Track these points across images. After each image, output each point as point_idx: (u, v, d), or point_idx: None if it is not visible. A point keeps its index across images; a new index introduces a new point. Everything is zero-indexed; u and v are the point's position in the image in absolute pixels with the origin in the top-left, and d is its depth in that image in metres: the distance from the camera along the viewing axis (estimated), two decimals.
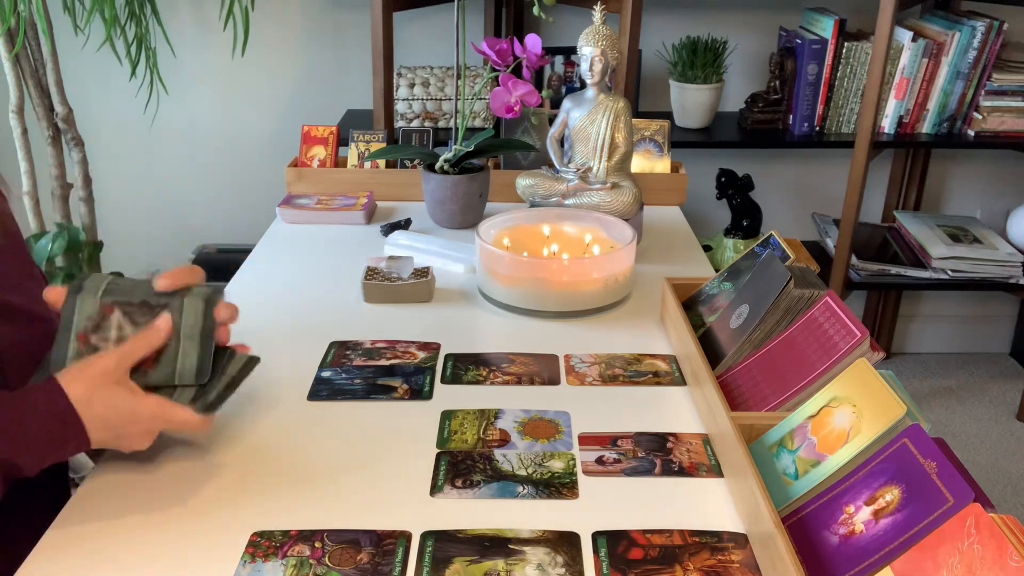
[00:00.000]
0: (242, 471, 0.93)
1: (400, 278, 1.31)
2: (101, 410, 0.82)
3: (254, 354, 0.94)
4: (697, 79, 2.36)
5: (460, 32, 1.50)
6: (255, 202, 2.66)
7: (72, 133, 2.23)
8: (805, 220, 2.72)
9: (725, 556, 0.81)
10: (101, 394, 0.82)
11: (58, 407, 0.81)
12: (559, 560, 0.80)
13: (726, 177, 2.46)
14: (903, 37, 2.27)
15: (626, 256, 1.28)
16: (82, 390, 0.82)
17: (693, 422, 1.03)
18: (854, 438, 0.80)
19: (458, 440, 0.98)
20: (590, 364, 1.15)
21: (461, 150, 1.53)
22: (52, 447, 0.82)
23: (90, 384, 0.82)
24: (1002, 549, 0.62)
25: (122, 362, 0.85)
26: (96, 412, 0.82)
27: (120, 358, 0.85)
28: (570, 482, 0.91)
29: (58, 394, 0.81)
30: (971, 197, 2.74)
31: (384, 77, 2.15)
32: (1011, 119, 2.31)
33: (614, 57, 1.44)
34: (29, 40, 2.10)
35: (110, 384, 0.83)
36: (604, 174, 1.46)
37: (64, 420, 0.81)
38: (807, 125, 2.40)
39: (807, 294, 1.01)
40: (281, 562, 0.80)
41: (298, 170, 1.71)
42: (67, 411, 0.81)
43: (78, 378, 0.82)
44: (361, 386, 1.09)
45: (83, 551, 0.81)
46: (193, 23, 2.50)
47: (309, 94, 2.59)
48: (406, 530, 0.84)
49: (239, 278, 1.40)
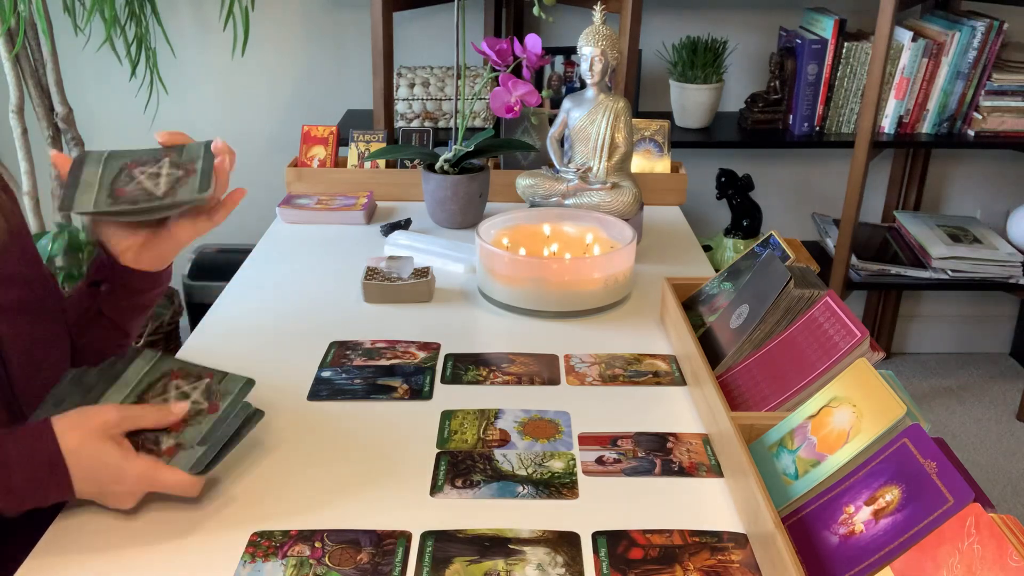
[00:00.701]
0: (242, 471, 0.93)
1: (400, 278, 1.31)
2: (89, 463, 0.81)
3: (245, 374, 0.93)
4: (697, 79, 2.36)
5: (460, 32, 1.50)
6: (255, 202, 2.64)
7: (72, 133, 2.23)
8: (805, 220, 2.72)
9: (725, 556, 0.81)
10: (91, 447, 0.81)
11: (47, 454, 0.80)
12: (559, 560, 0.80)
13: (726, 177, 2.45)
14: (903, 37, 2.27)
15: (626, 256, 1.29)
16: (75, 441, 0.81)
17: (693, 422, 1.03)
18: (854, 438, 0.80)
19: (458, 440, 0.98)
20: (590, 364, 1.15)
21: (461, 150, 1.53)
22: (34, 492, 0.81)
23: (84, 435, 0.81)
24: (1002, 549, 0.62)
25: (123, 423, 0.84)
26: (84, 464, 0.81)
27: (123, 418, 0.84)
28: (570, 482, 0.91)
29: (50, 440, 0.80)
30: (971, 197, 2.74)
31: (384, 77, 2.15)
32: (1011, 119, 2.31)
33: (614, 57, 1.44)
34: (29, 40, 2.10)
35: (103, 438, 0.82)
36: (604, 174, 1.46)
37: (51, 468, 0.80)
38: (807, 125, 2.40)
39: (807, 294, 1.01)
40: (281, 562, 0.80)
41: (298, 170, 1.71)
42: (55, 460, 0.80)
43: (73, 426, 0.81)
44: (361, 386, 1.09)
45: (83, 551, 0.81)
46: (193, 23, 2.50)
47: (309, 94, 2.59)
48: (406, 530, 0.84)
49: (239, 278, 1.40)
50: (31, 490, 0.80)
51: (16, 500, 0.80)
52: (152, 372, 0.92)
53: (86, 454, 0.81)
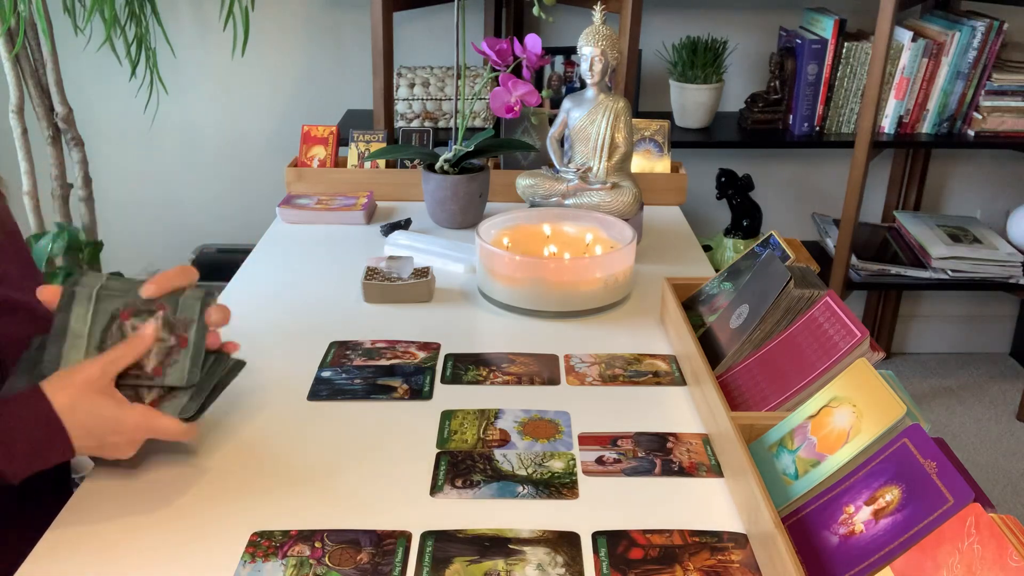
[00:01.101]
0: (242, 471, 0.93)
1: (400, 278, 1.31)
2: (85, 418, 0.82)
3: (242, 358, 0.94)
4: (697, 79, 2.36)
5: (460, 32, 1.50)
6: (255, 202, 2.66)
7: (72, 133, 2.23)
8: (805, 220, 2.72)
9: (725, 556, 0.81)
10: (85, 403, 0.82)
11: (42, 415, 0.81)
12: (559, 560, 0.80)
13: (726, 177, 2.45)
14: (903, 37, 2.27)
15: (626, 256, 1.29)
16: (66, 399, 0.82)
17: (693, 422, 1.03)
18: (854, 438, 0.80)
19: (458, 440, 0.98)
20: (590, 364, 1.15)
21: (461, 150, 1.53)
22: (36, 455, 0.82)
23: (74, 393, 0.82)
24: (1002, 549, 0.62)
25: (107, 370, 0.84)
26: (80, 420, 0.82)
27: (104, 366, 0.84)
28: (570, 482, 0.91)
29: (43, 402, 0.81)
30: (971, 197, 2.74)
31: (384, 77, 2.15)
32: (1011, 119, 2.31)
33: (614, 57, 1.44)
34: (29, 40, 2.10)
35: (94, 393, 0.83)
36: (604, 174, 1.46)
37: (48, 428, 0.81)
38: (807, 125, 2.40)
39: (807, 294, 1.01)
40: (281, 562, 0.80)
41: (298, 170, 1.71)
42: (51, 419, 0.81)
43: (63, 386, 0.82)
44: (361, 386, 1.09)
45: (83, 551, 0.81)
46: (193, 23, 2.50)
47: (309, 94, 2.59)
48: (406, 530, 0.84)
49: (239, 278, 1.41)
50: (32, 453, 0.81)
51: (20, 465, 0.81)
52: (99, 317, 0.88)
53: (81, 410, 0.82)
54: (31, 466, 0.82)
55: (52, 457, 0.83)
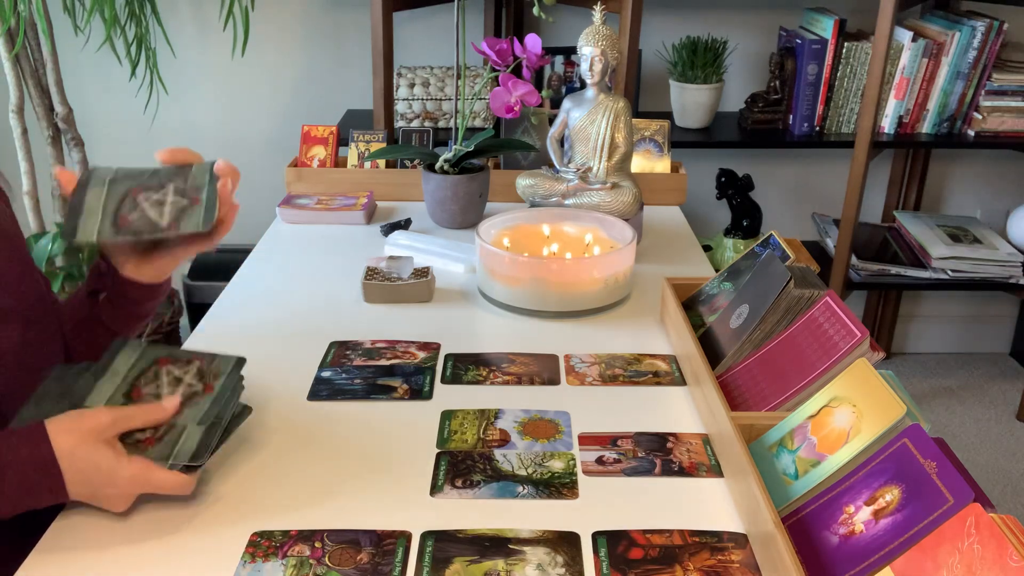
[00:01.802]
0: (242, 471, 0.93)
1: (400, 278, 1.31)
2: (83, 466, 0.81)
3: (242, 355, 0.94)
4: (697, 79, 2.36)
5: (460, 32, 1.50)
6: (255, 202, 2.64)
7: (72, 133, 2.23)
8: (805, 220, 2.72)
9: (725, 556, 0.81)
10: (85, 450, 0.81)
11: (41, 457, 0.80)
12: (559, 560, 0.80)
13: (726, 177, 2.45)
14: (903, 37, 2.27)
15: (626, 256, 1.29)
16: (68, 443, 0.81)
17: (693, 422, 1.03)
18: (854, 438, 0.80)
19: (458, 440, 0.98)
20: (590, 364, 1.15)
21: (461, 150, 1.53)
22: (28, 495, 0.81)
23: (78, 438, 0.81)
24: (1002, 549, 0.62)
25: (115, 425, 0.84)
26: (78, 467, 0.81)
27: (115, 421, 0.84)
28: (570, 482, 0.91)
29: (44, 443, 0.80)
30: (971, 197, 2.74)
31: (384, 77, 2.15)
32: (1011, 119, 2.31)
33: (614, 57, 1.44)
34: (29, 40, 2.10)
35: (97, 442, 0.82)
36: (604, 174, 1.46)
37: (45, 471, 0.80)
38: (807, 125, 2.40)
39: (807, 294, 1.01)
40: (281, 562, 0.80)
41: (298, 170, 1.71)
42: (49, 462, 0.80)
43: (67, 430, 0.81)
44: (361, 386, 1.09)
45: (83, 551, 0.81)
46: (193, 23, 2.50)
47: (309, 94, 2.59)
48: (406, 530, 0.84)
49: (239, 278, 1.41)
50: (24, 493, 0.80)
51: (9, 503, 0.81)
52: (141, 361, 0.92)
53: (79, 457, 0.81)
54: (20, 505, 0.81)
55: (44, 499, 0.82)
